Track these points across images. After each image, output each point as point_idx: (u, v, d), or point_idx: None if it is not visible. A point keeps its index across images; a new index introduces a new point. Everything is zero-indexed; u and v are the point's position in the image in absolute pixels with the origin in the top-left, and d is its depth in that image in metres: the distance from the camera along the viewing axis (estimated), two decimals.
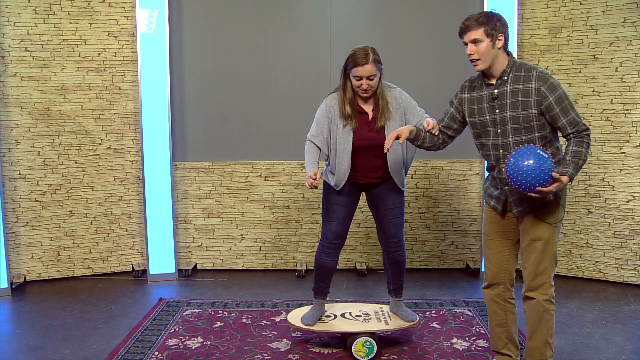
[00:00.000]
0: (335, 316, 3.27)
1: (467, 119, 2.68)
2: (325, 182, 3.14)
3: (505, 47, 2.53)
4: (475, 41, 2.49)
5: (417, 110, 3.05)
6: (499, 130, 2.56)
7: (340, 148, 2.99)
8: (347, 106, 2.97)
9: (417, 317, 3.24)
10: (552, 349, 2.62)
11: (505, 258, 2.71)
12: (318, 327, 3.17)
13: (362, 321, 3.20)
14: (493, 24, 2.48)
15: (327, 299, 3.27)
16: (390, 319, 3.22)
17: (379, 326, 3.14)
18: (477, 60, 2.51)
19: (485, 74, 2.59)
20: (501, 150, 2.57)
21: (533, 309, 2.59)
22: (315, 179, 2.86)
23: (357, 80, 2.89)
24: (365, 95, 2.94)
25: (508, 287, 2.74)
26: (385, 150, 2.68)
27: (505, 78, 2.53)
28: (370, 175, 3.06)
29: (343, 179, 3.02)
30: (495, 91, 2.54)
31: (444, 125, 2.78)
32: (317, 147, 3.04)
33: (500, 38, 2.50)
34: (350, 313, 3.30)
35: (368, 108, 3.01)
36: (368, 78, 2.88)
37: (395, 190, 3.09)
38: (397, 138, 2.66)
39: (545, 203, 2.53)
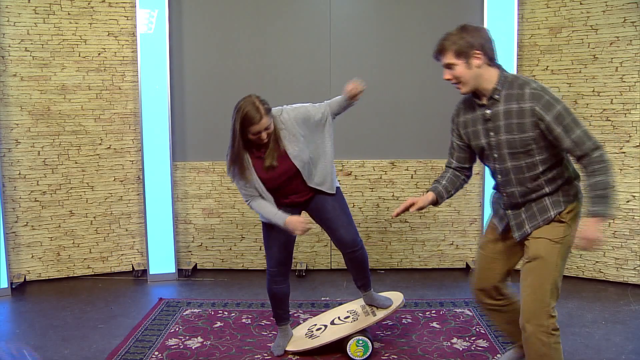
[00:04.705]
0: (326, 326, 3.24)
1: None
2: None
3: (490, 62, 2.24)
4: (449, 66, 2.26)
5: (315, 109, 2.91)
6: (495, 155, 2.31)
7: (261, 192, 2.90)
8: (237, 163, 2.82)
9: (392, 300, 3.18)
10: None
11: (495, 276, 2.53)
12: (312, 344, 3.12)
13: (351, 321, 3.18)
14: (464, 42, 2.21)
15: (290, 322, 3.23)
16: (378, 309, 3.20)
17: (369, 320, 3.12)
18: (458, 84, 2.27)
19: (476, 93, 2.31)
20: (499, 176, 2.34)
21: (530, 344, 2.29)
22: (303, 222, 2.79)
23: (255, 135, 2.74)
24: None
25: (498, 287, 2.55)
26: (394, 215, 2.50)
27: (497, 97, 2.24)
28: (299, 199, 2.97)
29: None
30: (488, 112, 2.27)
31: (456, 160, 2.51)
32: (262, 197, 2.90)
33: (476, 55, 2.21)
34: (338, 317, 3.27)
35: (261, 150, 2.88)
36: (266, 129, 2.75)
37: (329, 194, 3.00)
38: (411, 206, 2.41)
39: (545, 220, 2.31)
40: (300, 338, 3.23)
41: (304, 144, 2.87)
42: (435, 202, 2.50)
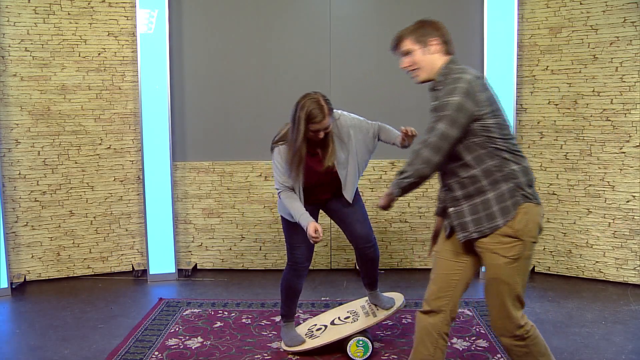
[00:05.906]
0: (326, 327, 3.24)
1: None
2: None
3: (445, 51, 2.26)
4: (407, 52, 2.28)
5: (367, 124, 2.98)
6: None
7: (296, 187, 2.93)
8: (296, 157, 2.82)
9: (395, 301, 3.20)
10: None
11: (453, 283, 2.31)
12: (312, 344, 3.12)
13: (351, 322, 3.18)
14: (423, 29, 2.27)
15: (293, 321, 3.25)
16: (378, 309, 3.21)
17: (369, 321, 3.12)
18: (415, 70, 2.28)
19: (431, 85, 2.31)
20: (440, 172, 2.30)
21: (511, 352, 2.30)
22: (318, 235, 2.75)
23: (314, 132, 2.78)
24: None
25: (447, 320, 2.32)
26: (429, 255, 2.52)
27: (440, 88, 2.20)
28: (322, 197, 3.05)
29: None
30: (432, 104, 2.22)
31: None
32: (294, 190, 2.92)
33: (432, 42, 2.25)
34: (339, 318, 3.27)
35: (315, 148, 2.93)
36: (325, 129, 2.79)
37: None
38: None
39: (492, 228, 2.15)
40: None
41: (350, 153, 2.92)
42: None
